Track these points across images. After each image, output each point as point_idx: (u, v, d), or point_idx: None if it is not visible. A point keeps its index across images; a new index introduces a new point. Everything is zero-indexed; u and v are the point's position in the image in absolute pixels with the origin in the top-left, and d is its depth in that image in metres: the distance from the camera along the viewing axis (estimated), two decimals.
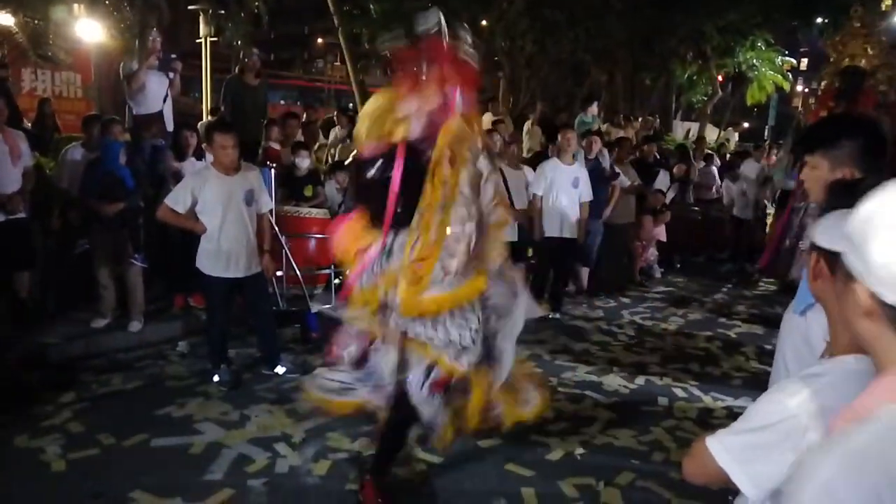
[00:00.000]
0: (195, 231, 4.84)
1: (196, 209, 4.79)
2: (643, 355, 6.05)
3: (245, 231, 4.91)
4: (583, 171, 6.99)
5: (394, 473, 3.78)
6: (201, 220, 4.80)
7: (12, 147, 5.37)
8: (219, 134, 4.83)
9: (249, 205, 4.92)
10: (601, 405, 4.88)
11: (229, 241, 4.82)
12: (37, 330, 5.54)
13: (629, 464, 4.00)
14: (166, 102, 7.39)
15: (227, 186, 4.81)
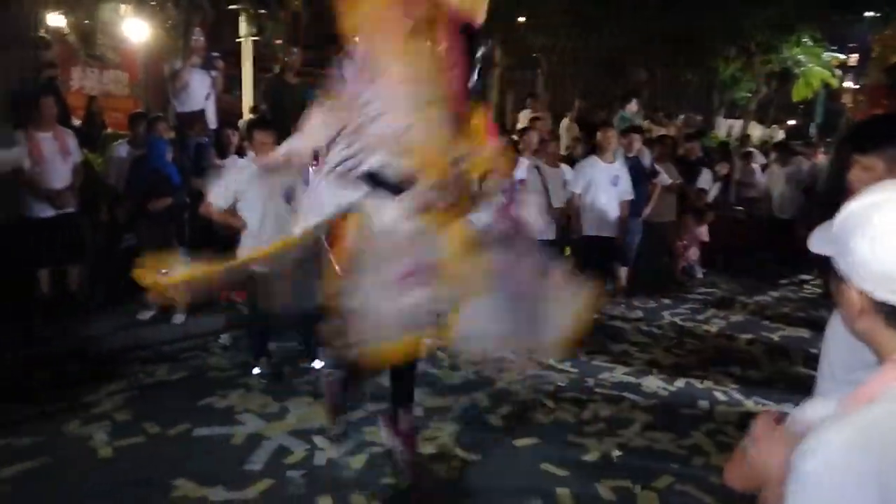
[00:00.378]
0: (234, 227, 4.93)
1: (238, 205, 4.87)
2: (683, 357, 5.98)
3: (285, 227, 4.96)
4: (623, 168, 6.93)
5: (430, 469, 3.81)
6: (243, 216, 4.88)
7: (62, 144, 5.54)
8: (259, 131, 4.92)
9: (289, 201, 4.98)
10: (639, 407, 4.83)
11: (269, 237, 4.88)
12: (86, 322, 5.69)
13: (668, 467, 3.97)
14: (209, 100, 7.53)
15: (268, 183, 4.88)
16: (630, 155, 7.70)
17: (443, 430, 4.31)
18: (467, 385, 5.11)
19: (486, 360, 3.44)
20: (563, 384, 5.18)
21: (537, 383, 5.17)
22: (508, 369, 5.10)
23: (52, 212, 5.47)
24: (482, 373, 5.34)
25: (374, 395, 4.83)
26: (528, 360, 3.11)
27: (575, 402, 4.84)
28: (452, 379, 5.22)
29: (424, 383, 5.08)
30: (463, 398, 4.85)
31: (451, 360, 5.60)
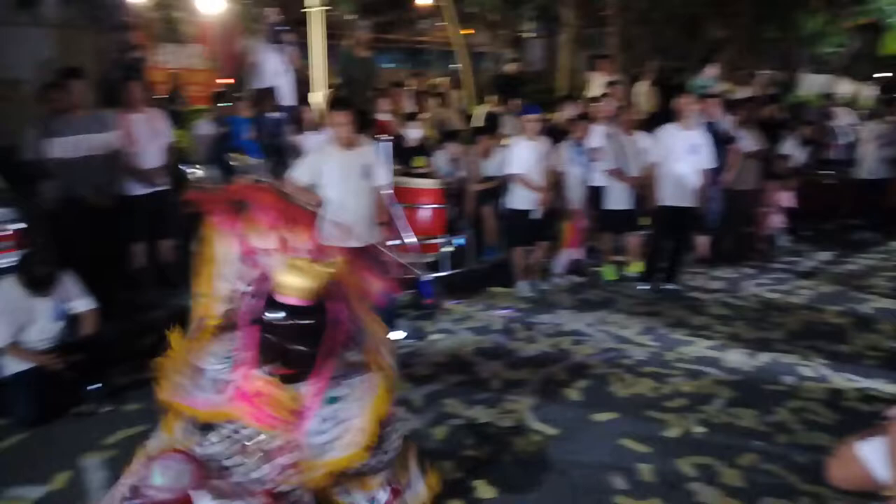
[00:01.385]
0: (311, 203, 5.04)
1: (317, 183, 4.98)
2: (767, 330, 5.83)
3: (363, 204, 5.06)
4: (703, 135, 6.72)
5: (509, 443, 3.87)
6: (322, 193, 4.98)
7: (153, 125, 5.76)
8: (333, 111, 5.02)
9: (366, 179, 5.06)
10: (721, 382, 4.76)
11: (347, 214, 4.97)
12: (179, 292, 5.97)
13: (751, 445, 3.91)
14: (283, 76, 7.66)
15: (346, 161, 4.97)
16: (708, 120, 7.47)
17: (519, 403, 4.36)
18: (544, 357, 5.14)
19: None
20: (642, 358, 5.15)
21: (615, 357, 5.16)
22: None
23: (146, 189, 5.72)
24: (558, 346, 5.36)
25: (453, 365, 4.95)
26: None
27: (654, 377, 4.81)
28: (528, 351, 5.26)
29: (499, 356, 5.15)
30: (540, 371, 4.88)
31: (527, 332, 5.65)
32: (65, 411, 4.13)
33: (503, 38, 19.87)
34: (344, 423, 2.31)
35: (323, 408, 2.33)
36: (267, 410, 2.31)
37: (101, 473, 3.49)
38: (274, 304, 2.25)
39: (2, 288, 4.10)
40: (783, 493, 3.44)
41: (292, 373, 2.29)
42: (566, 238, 7.11)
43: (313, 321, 2.27)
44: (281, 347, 2.24)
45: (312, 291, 2.24)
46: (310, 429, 2.30)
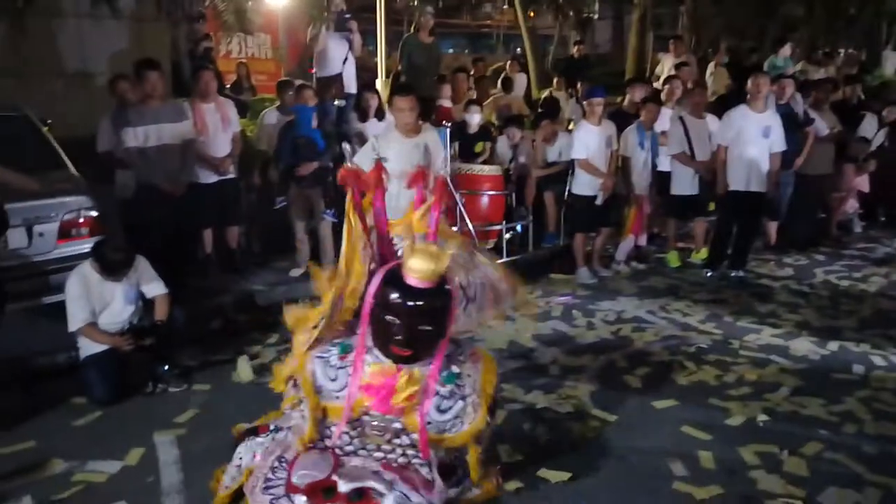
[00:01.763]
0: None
1: None
2: (837, 318, 5.66)
3: None
4: (775, 118, 6.52)
5: (568, 428, 3.89)
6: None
7: (223, 115, 5.95)
8: (396, 97, 5.07)
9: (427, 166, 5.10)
10: (787, 371, 4.66)
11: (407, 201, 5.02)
12: (245, 277, 6.18)
13: (817, 434, 3.83)
14: (346, 64, 7.77)
15: (407, 147, 5.02)
16: (782, 102, 7.25)
17: (579, 389, 4.36)
18: (603, 344, 5.12)
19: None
20: (705, 346, 5.08)
21: (677, 344, 5.09)
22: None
23: (215, 178, 5.92)
24: (619, 332, 5.33)
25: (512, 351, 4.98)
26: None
27: (718, 365, 4.74)
28: (588, 338, 5.25)
29: (559, 342, 5.15)
30: (600, 358, 4.87)
31: (587, 319, 5.63)
32: (137, 391, 4.31)
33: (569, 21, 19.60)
34: (463, 399, 2.41)
35: (443, 386, 2.44)
36: (388, 399, 2.43)
37: (173, 450, 3.64)
38: (401, 287, 2.33)
39: (78, 273, 4.28)
40: (849, 483, 3.36)
41: (409, 354, 2.39)
42: (629, 224, 7.02)
43: (442, 303, 2.36)
44: (405, 329, 2.32)
45: (440, 274, 2.32)
46: (432, 408, 2.41)
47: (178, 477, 3.39)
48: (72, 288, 4.23)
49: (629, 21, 18.48)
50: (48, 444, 3.69)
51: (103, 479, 3.40)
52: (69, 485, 3.34)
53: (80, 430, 3.90)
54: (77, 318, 4.22)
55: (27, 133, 5.47)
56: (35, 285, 4.79)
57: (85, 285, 4.24)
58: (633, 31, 17.08)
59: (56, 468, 3.47)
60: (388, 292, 2.38)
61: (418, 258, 2.34)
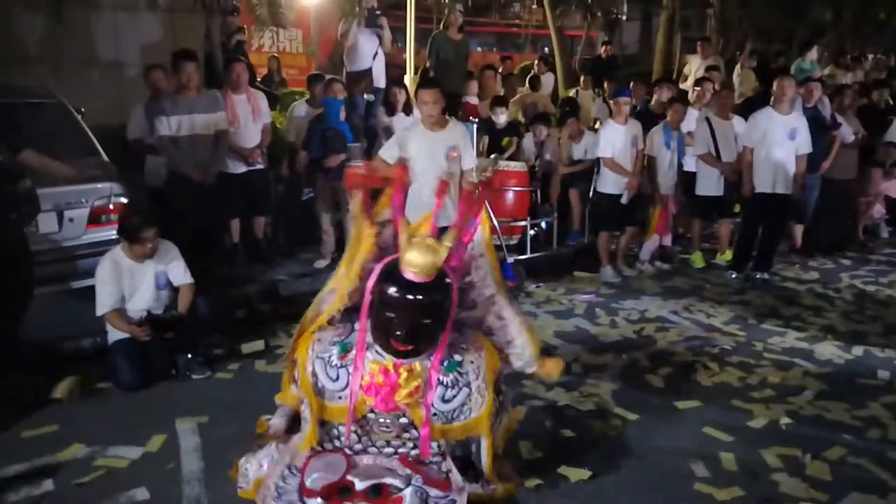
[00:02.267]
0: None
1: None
2: (863, 323, 5.62)
3: None
4: (801, 120, 6.48)
5: (589, 426, 3.89)
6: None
7: (254, 106, 6.02)
8: (421, 89, 5.10)
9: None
10: (811, 374, 4.63)
11: (430, 195, 5.02)
12: (271, 267, 6.25)
13: (841, 438, 3.80)
14: (376, 59, 7.82)
15: (431, 142, 5.02)
16: (809, 105, 7.19)
17: (601, 388, 4.36)
18: (626, 343, 5.12)
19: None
20: (728, 347, 5.06)
21: (701, 345, 5.08)
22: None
23: (244, 168, 5.99)
24: (642, 332, 5.32)
25: None
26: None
27: (741, 367, 4.72)
28: (610, 336, 5.24)
29: (581, 340, 5.15)
30: (622, 356, 4.87)
31: (610, 317, 5.63)
32: (162, 378, 4.36)
33: (597, 21, 19.50)
34: (468, 387, 2.41)
35: (445, 376, 2.42)
36: (391, 397, 2.42)
37: (194, 437, 3.67)
38: (399, 282, 2.32)
39: (110, 258, 4.32)
40: (872, 489, 3.34)
41: (410, 349, 2.37)
42: (654, 224, 7.00)
43: (441, 296, 2.35)
44: (405, 324, 2.31)
45: (438, 267, 2.31)
46: (437, 399, 2.40)
47: (198, 464, 3.42)
48: (102, 272, 4.29)
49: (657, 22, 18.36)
50: (71, 429, 3.72)
51: (124, 464, 3.42)
52: (90, 469, 3.36)
53: (103, 415, 3.92)
54: (104, 303, 4.27)
55: (62, 120, 5.55)
56: (64, 270, 4.86)
57: (116, 270, 4.29)
58: (660, 32, 16.96)
59: (78, 453, 3.50)
60: (385, 287, 2.33)
61: (415, 251, 2.31)
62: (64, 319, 4.80)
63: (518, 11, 31.49)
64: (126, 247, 4.31)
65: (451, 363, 2.43)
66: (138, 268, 4.36)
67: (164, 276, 4.45)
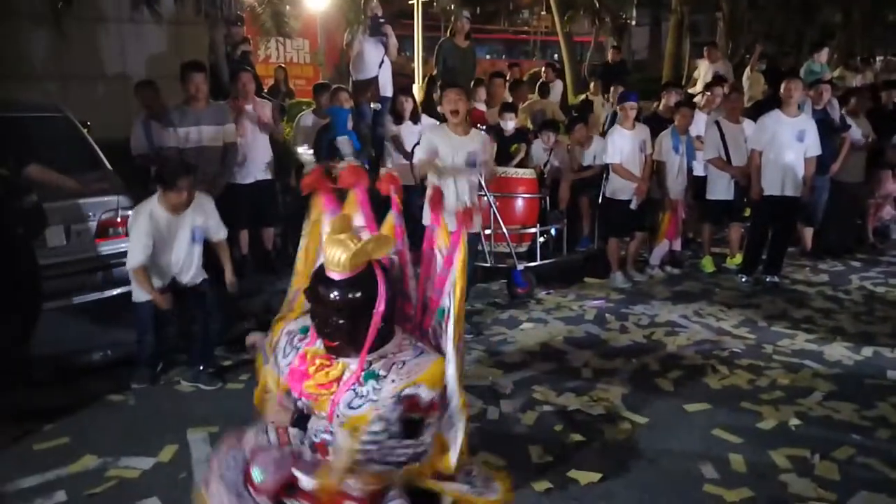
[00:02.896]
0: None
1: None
2: (872, 325, 5.59)
3: (464, 189, 5.13)
4: (809, 122, 6.46)
5: (599, 430, 3.90)
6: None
7: (261, 115, 6.05)
8: (448, 90, 5.21)
9: (472, 165, 5.15)
10: (821, 376, 4.62)
11: (451, 197, 4.99)
12: (280, 278, 6.27)
13: (849, 438, 3.79)
14: (382, 67, 7.86)
15: (455, 145, 5.08)
16: (818, 107, 7.17)
17: (610, 392, 4.36)
18: (636, 348, 5.12)
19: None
20: (738, 350, 5.05)
21: (710, 349, 5.07)
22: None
23: (252, 179, 6.03)
24: (652, 336, 5.32)
25: (545, 353, 5.00)
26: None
27: (751, 369, 4.71)
28: (620, 341, 5.24)
29: (591, 345, 5.15)
30: (632, 361, 4.87)
31: (621, 322, 5.62)
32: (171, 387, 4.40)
33: (605, 26, 19.54)
34: (372, 403, 2.27)
35: (360, 385, 2.31)
36: (300, 383, 2.43)
37: (205, 447, 3.68)
38: (322, 279, 2.36)
39: (144, 210, 4.22)
40: (881, 488, 3.33)
41: (335, 346, 2.38)
42: (664, 228, 6.99)
43: (358, 295, 2.34)
44: (324, 321, 2.34)
45: (350, 265, 2.30)
46: (342, 402, 2.38)
47: None
48: (138, 224, 4.19)
49: (666, 27, 18.38)
50: (82, 440, 3.75)
51: (136, 474, 3.45)
52: (102, 480, 3.39)
53: (115, 426, 3.95)
54: (136, 257, 4.18)
55: (67, 134, 5.58)
56: (72, 284, 4.86)
57: (151, 222, 4.18)
58: (670, 37, 16.99)
59: (90, 464, 3.53)
60: (314, 283, 2.39)
61: (329, 247, 2.33)
62: (73, 333, 4.83)
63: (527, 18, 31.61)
64: (162, 197, 4.20)
65: (369, 373, 2.31)
66: (174, 220, 4.26)
67: (200, 230, 4.39)
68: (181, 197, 4.19)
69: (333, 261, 2.27)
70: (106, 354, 4.64)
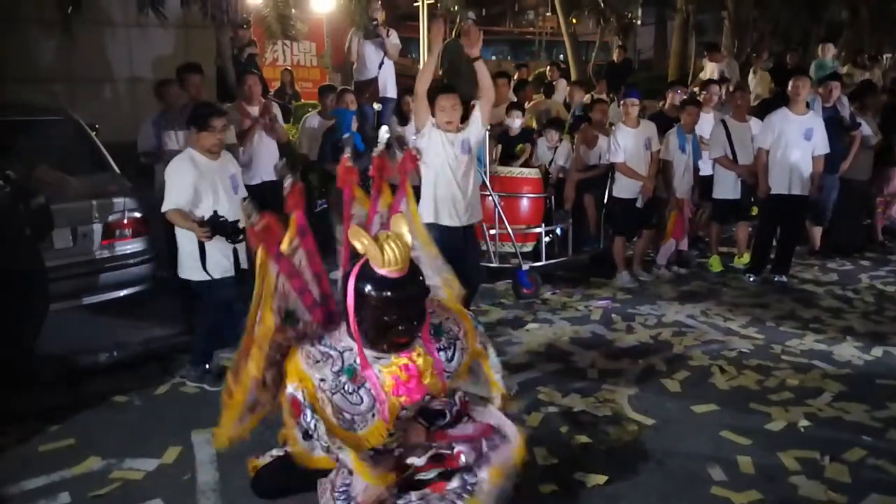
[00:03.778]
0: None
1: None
2: (883, 324, 5.54)
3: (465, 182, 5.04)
4: (817, 120, 6.41)
5: (605, 431, 3.86)
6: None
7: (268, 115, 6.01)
8: (440, 95, 5.00)
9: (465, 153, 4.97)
10: (830, 376, 4.57)
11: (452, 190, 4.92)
12: None
13: (860, 440, 3.75)
14: (382, 68, 7.88)
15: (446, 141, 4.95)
16: (827, 105, 7.12)
17: (617, 393, 4.33)
18: (643, 348, 5.08)
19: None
20: (746, 350, 5.00)
21: (718, 349, 5.03)
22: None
23: (258, 180, 6.02)
24: (659, 337, 5.28)
25: (550, 354, 4.97)
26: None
27: (759, 370, 4.67)
28: (627, 342, 5.21)
29: (597, 345, 5.12)
30: (639, 361, 4.83)
31: (627, 323, 5.59)
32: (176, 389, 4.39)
33: (611, 26, 19.48)
34: (456, 338, 2.58)
35: (438, 342, 2.53)
36: (421, 384, 2.45)
37: (209, 449, 3.66)
38: (385, 284, 2.31)
39: (185, 156, 4.20)
40: (893, 490, 3.29)
41: (405, 341, 2.41)
42: (671, 228, 6.95)
43: (420, 284, 2.39)
44: (403, 319, 2.35)
45: (408, 260, 2.33)
46: (442, 363, 2.51)
47: (214, 475, 3.43)
48: (180, 169, 4.13)
49: (672, 27, 18.32)
50: (87, 442, 3.74)
51: (140, 476, 3.45)
52: (107, 482, 3.39)
53: (119, 428, 3.95)
54: (174, 199, 4.08)
55: (74, 136, 5.60)
56: (79, 285, 4.88)
57: (194, 168, 4.13)
58: (675, 36, 16.93)
59: (94, 465, 3.53)
60: (373, 294, 2.29)
61: (390, 250, 2.32)
62: (80, 334, 4.83)
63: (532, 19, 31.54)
64: (197, 142, 4.18)
65: (436, 329, 2.55)
66: (214, 167, 4.22)
67: (237, 179, 4.37)
68: (214, 138, 4.16)
69: (395, 261, 2.29)
70: (112, 356, 4.65)
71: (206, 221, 4.05)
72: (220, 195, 4.22)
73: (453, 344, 2.56)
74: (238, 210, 4.20)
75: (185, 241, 4.22)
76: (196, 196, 4.12)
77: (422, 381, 2.43)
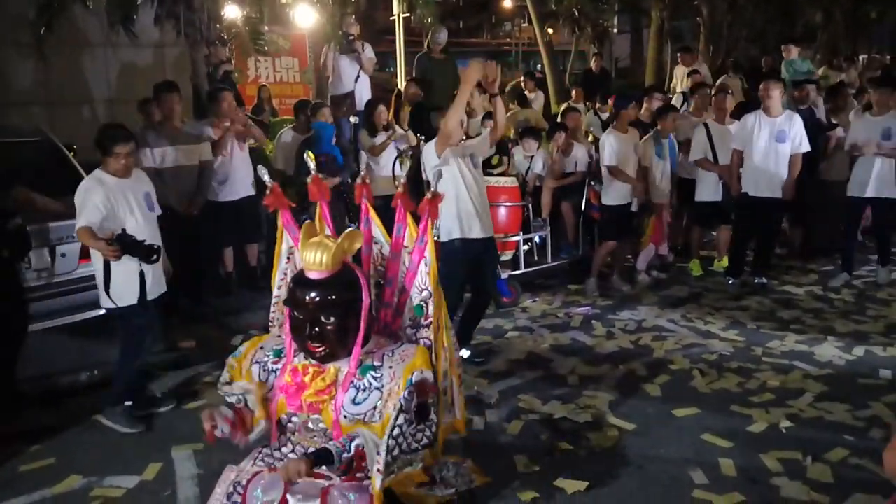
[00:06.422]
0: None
1: None
2: (864, 324, 5.55)
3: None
4: (790, 122, 6.42)
5: (586, 437, 3.85)
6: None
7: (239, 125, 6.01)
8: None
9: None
10: (812, 377, 4.57)
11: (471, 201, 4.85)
12: (265, 295, 6.19)
13: (842, 439, 3.75)
14: (358, 82, 7.90)
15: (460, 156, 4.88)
16: (803, 107, 7.17)
17: (597, 399, 4.31)
18: (623, 354, 5.07)
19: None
20: (727, 353, 5.01)
21: (699, 352, 5.03)
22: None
23: (235, 196, 6.00)
24: (639, 342, 5.27)
25: (530, 362, 4.94)
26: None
27: (740, 372, 4.67)
28: (607, 348, 5.19)
29: (577, 352, 5.11)
30: (619, 367, 4.82)
31: (607, 329, 5.58)
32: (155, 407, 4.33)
33: (587, 36, 19.61)
34: (380, 390, 2.36)
35: (359, 379, 2.39)
36: (298, 395, 2.42)
37: (190, 465, 3.66)
38: (299, 280, 2.34)
39: (92, 177, 4.06)
40: (876, 489, 3.26)
41: (324, 350, 2.36)
42: (649, 233, 6.96)
43: (341, 292, 2.35)
44: (310, 323, 2.32)
45: (332, 262, 2.32)
46: (347, 400, 2.37)
47: (194, 491, 3.42)
48: (88, 191, 3.96)
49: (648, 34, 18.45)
50: (67, 461, 3.73)
51: (120, 493, 3.44)
52: (88, 500, 3.38)
53: (99, 446, 3.93)
54: (85, 218, 3.88)
55: (50, 157, 5.56)
56: (58, 305, 4.84)
57: (102, 187, 3.97)
58: (651, 43, 17.04)
59: (75, 484, 3.52)
60: (292, 288, 2.36)
61: (308, 249, 2.35)
62: (59, 354, 4.80)
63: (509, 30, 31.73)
64: (103, 166, 4.05)
65: (365, 366, 2.40)
66: (125, 184, 4.07)
67: (151, 197, 4.22)
68: (119, 162, 4.00)
69: (314, 261, 2.30)
70: (92, 375, 4.62)
71: (115, 239, 3.86)
72: (135, 213, 4.07)
73: (371, 392, 2.35)
74: (155, 230, 4.19)
75: (99, 265, 4.02)
76: (112, 214, 3.95)
77: (299, 394, 2.39)
